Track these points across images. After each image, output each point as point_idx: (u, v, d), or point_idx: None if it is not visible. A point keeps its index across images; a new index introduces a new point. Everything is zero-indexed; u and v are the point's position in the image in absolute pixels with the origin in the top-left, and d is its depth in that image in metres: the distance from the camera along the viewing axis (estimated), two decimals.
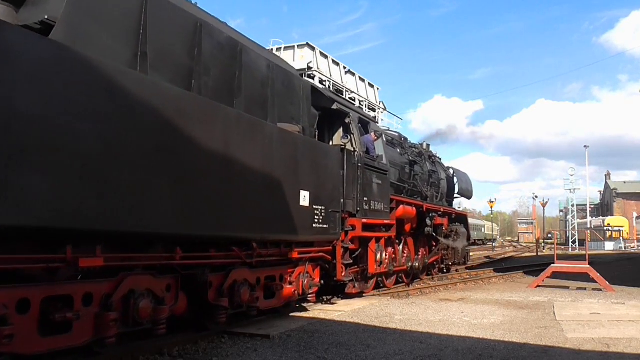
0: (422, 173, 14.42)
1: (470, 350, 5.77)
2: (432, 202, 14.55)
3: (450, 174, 18.00)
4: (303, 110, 7.73)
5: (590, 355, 5.63)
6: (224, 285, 6.02)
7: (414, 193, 13.45)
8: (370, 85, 33.22)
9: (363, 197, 9.29)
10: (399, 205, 11.52)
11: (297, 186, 7.07)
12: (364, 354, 5.57)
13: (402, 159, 13.20)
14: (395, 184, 12.11)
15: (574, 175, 49.65)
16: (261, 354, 5.52)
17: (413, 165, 13.74)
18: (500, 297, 10.87)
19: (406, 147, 14.14)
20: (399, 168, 12.72)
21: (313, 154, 7.62)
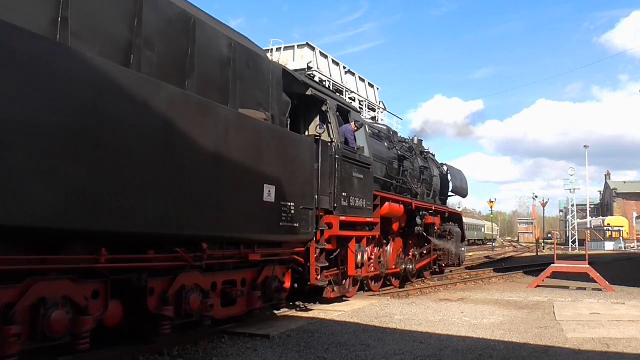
0: (413, 169, 13.65)
1: (470, 350, 5.78)
2: (423, 200, 13.76)
3: (444, 171, 17.26)
4: (272, 96, 6.92)
5: (590, 355, 5.63)
6: (169, 291, 5.17)
7: (403, 190, 12.75)
8: (370, 85, 33.25)
9: (341, 192, 8.49)
10: (384, 202, 10.71)
11: (261, 179, 6.24)
12: (364, 354, 5.57)
13: (389, 154, 12.41)
14: (382, 179, 11.48)
15: (574, 175, 49.72)
16: (261, 354, 5.52)
17: (402, 161, 12.94)
18: (500, 297, 10.87)
19: (395, 141, 13.40)
20: (386, 163, 11.97)
21: (281, 144, 6.77)
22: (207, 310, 5.64)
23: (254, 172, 6.15)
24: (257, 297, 6.58)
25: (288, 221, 6.84)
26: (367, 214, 9.54)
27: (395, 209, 11.22)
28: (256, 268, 6.67)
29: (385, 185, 11.68)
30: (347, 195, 8.72)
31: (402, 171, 12.90)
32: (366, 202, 9.50)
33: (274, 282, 6.98)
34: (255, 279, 6.65)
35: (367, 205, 9.53)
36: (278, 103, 7.11)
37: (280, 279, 7.17)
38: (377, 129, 13.06)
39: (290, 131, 7.42)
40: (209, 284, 5.77)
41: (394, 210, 11.19)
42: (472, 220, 72.66)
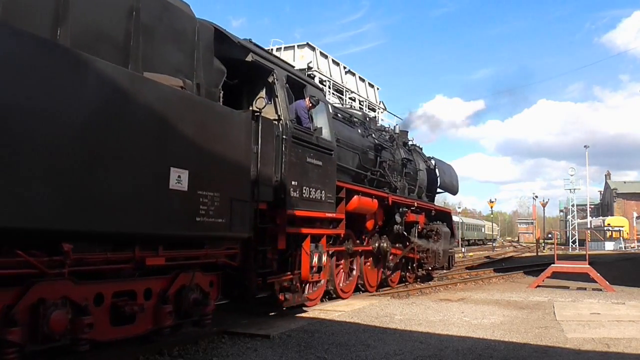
0: (392, 161, 12.37)
1: (470, 350, 5.77)
2: (404, 195, 12.40)
3: (431, 165, 15.83)
4: (199, 61, 5.69)
5: (590, 355, 5.63)
6: (16, 307, 3.83)
7: (381, 184, 11.51)
8: (371, 85, 33.26)
9: (290, 181, 7.07)
10: (353, 195, 9.36)
11: (166, 161, 4.89)
12: (364, 354, 5.57)
13: (363, 142, 11.02)
14: (353, 170, 10.26)
15: (574, 175, 49.74)
16: (261, 354, 5.52)
17: (380, 151, 11.63)
18: (500, 297, 10.87)
19: (371, 128, 12.10)
20: (358, 152, 10.60)
21: (201, 120, 5.39)
22: (81, 330, 4.22)
23: (156, 151, 4.79)
24: (166, 312, 5.11)
25: (209, 215, 5.42)
26: (327, 209, 8.11)
27: (366, 204, 9.87)
28: (168, 275, 5.27)
29: (357, 176, 10.47)
30: (298, 185, 7.28)
31: (379, 162, 11.58)
32: (326, 194, 8.03)
33: (192, 292, 5.48)
34: (167, 289, 5.21)
35: (327, 198, 8.06)
36: (206, 71, 5.84)
37: (205, 288, 5.72)
38: (350, 113, 11.72)
39: (218, 104, 5.92)
40: (89, 297, 4.42)
41: (365, 205, 9.85)
42: (472, 220, 72.72)
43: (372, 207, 10.18)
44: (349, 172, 10.10)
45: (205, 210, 5.39)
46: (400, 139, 14.03)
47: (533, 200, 62.79)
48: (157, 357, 5.26)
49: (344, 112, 11.47)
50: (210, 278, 5.89)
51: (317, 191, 7.83)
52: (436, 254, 13.39)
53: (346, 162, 9.97)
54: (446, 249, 14.01)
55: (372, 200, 10.14)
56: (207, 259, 5.73)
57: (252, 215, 6.24)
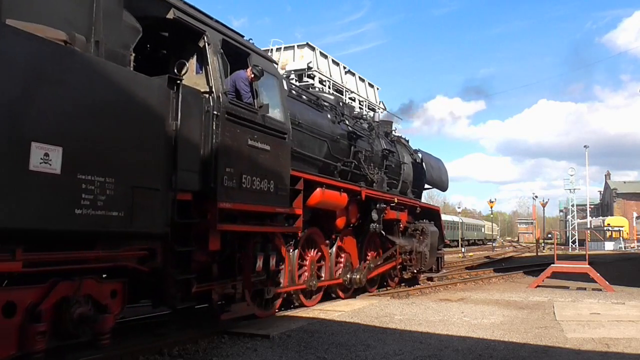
0: (370, 151, 11.11)
1: (470, 350, 5.78)
2: (382, 189, 10.96)
3: (418, 158, 14.49)
4: (98, 14, 4.63)
5: (590, 355, 5.63)
6: None
7: (356, 177, 10.34)
8: (370, 85, 33.25)
9: (224, 167, 5.71)
10: (315, 187, 8.13)
11: (22, 134, 3.74)
12: (364, 354, 5.57)
13: (334, 129, 9.80)
14: (320, 160, 9.03)
15: (574, 175, 49.74)
16: (261, 354, 5.53)
17: (355, 140, 10.45)
18: (500, 297, 10.87)
19: (346, 115, 10.73)
20: (327, 139, 9.36)
21: (89, 83, 4.27)
22: None
23: (6, 120, 3.65)
24: (36, 332, 3.95)
25: (98, 207, 4.26)
26: (278, 202, 6.74)
27: (332, 198, 8.58)
28: (43, 284, 4.15)
29: (326, 167, 9.26)
30: (235, 172, 5.90)
31: (354, 152, 10.35)
32: (276, 185, 6.67)
33: (77, 306, 4.33)
34: (39, 303, 4.06)
35: (278, 190, 6.72)
36: (110, 27, 4.77)
37: (102, 300, 4.61)
38: (318, 96, 10.21)
39: (119, 66, 4.71)
40: None
41: (332, 200, 8.57)
42: (472, 220, 72.78)
43: (340, 202, 8.88)
44: (315, 162, 8.90)
45: (90, 200, 4.21)
46: (382, 128, 12.87)
47: (533, 200, 62.82)
48: (157, 357, 5.27)
49: (311, 95, 9.94)
50: (111, 287, 4.71)
51: (264, 181, 6.44)
52: (422, 256, 12.19)
53: (310, 150, 8.76)
54: (433, 249, 12.79)
55: (341, 194, 8.84)
56: (101, 262, 4.59)
57: (169, 208, 5.02)
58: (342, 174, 9.87)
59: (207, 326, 6.66)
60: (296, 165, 7.75)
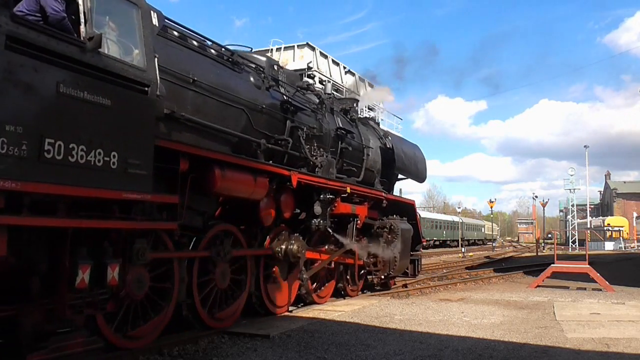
0: (317, 129, 9.06)
1: (470, 350, 5.78)
2: (328, 176, 8.77)
3: (388, 143, 12.22)
4: None
5: (590, 355, 5.63)
6: None
7: (294, 160, 8.32)
8: (371, 85, 33.26)
9: (16, 127, 3.83)
10: (211, 167, 6.05)
11: None
12: (364, 354, 5.58)
13: (259, 96, 7.66)
14: (233, 133, 6.97)
15: (574, 175, 49.72)
16: (261, 354, 5.53)
17: (293, 113, 8.38)
18: (500, 297, 10.87)
19: (282, 80, 8.60)
20: (245, 108, 7.25)
21: None
22: None
23: None
24: None
25: None
26: (126, 184, 4.75)
27: (242, 183, 6.57)
28: None
29: (245, 145, 7.25)
30: (27, 135, 3.92)
31: (291, 128, 8.26)
32: (122, 159, 4.68)
33: None
34: None
35: (126, 166, 4.74)
36: None
37: None
38: (240, 54, 7.87)
39: None
40: None
41: (241, 185, 6.58)
42: (472, 220, 72.80)
43: (256, 189, 6.83)
44: (226, 137, 6.92)
45: None
46: (338, 105, 10.90)
47: (533, 200, 62.80)
48: (157, 357, 5.27)
49: (221, 47, 7.54)
50: None
51: (96, 152, 4.47)
52: (391, 259, 10.41)
53: (217, 120, 6.68)
54: (406, 250, 10.91)
55: (256, 178, 6.79)
56: None
57: None
58: (272, 154, 7.83)
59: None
60: (190, 139, 6.07)
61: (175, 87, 5.99)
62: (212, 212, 6.81)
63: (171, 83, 5.88)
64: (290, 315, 7.86)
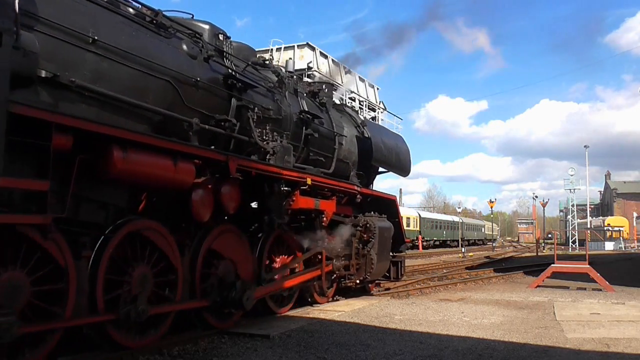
0: (273, 111, 7.78)
1: (470, 351, 5.78)
2: (283, 166, 7.36)
3: (366, 132, 10.89)
4: None
5: (590, 355, 5.63)
6: None
7: (243, 145, 7.09)
8: (371, 85, 33.26)
9: None
10: (110, 146, 4.82)
11: None
12: (364, 354, 5.58)
13: (193, 68, 6.40)
14: (152, 110, 5.68)
15: (574, 175, 49.70)
16: (261, 354, 5.53)
17: (240, 91, 7.07)
18: (500, 297, 10.87)
19: (227, 52, 7.24)
20: (173, 80, 5.98)
21: None
22: None
23: None
24: None
25: None
26: None
27: (155, 167, 5.33)
28: None
29: (170, 124, 5.94)
30: None
31: (237, 107, 7.02)
32: None
33: None
34: None
35: None
36: None
37: None
38: (171, 18, 6.54)
39: None
40: None
41: (154, 170, 5.33)
42: (472, 220, 72.80)
43: (174, 177, 5.51)
44: (143, 113, 5.65)
45: None
46: (304, 87, 9.53)
47: (533, 200, 62.85)
48: (157, 357, 5.27)
49: (142, 6, 6.11)
50: None
51: None
52: (367, 260, 9.30)
53: (129, 92, 5.43)
54: (384, 252, 9.84)
55: (175, 163, 5.47)
56: None
57: None
58: (213, 137, 6.67)
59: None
60: (88, 113, 4.96)
61: (65, 46, 4.79)
62: (122, 204, 5.36)
63: (59, 41, 4.74)
64: (290, 315, 7.85)
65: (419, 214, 46.71)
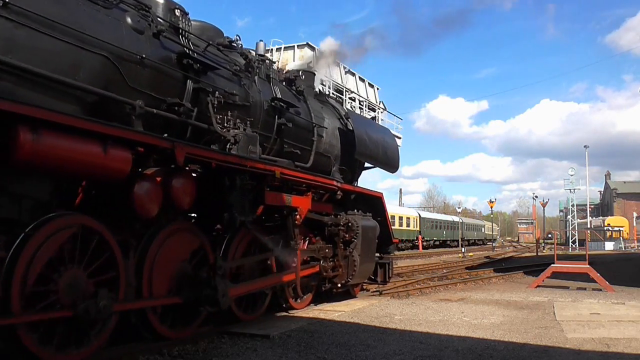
0: (239, 96, 7.00)
1: (470, 351, 5.78)
2: (245, 155, 6.50)
3: (350, 125, 10.06)
4: None
5: (590, 355, 5.63)
6: None
7: (203, 133, 6.43)
8: (370, 85, 33.26)
9: None
10: (16, 125, 4.07)
11: None
12: (364, 354, 5.58)
13: (138, 43, 5.59)
14: (92, 90, 5.00)
15: (574, 175, 49.73)
16: (261, 354, 5.53)
17: (198, 72, 6.35)
18: (500, 297, 10.87)
19: (183, 28, 6.43)
20: (110, 56, 5.19)
21: None
22: None
23: None
24: None
25: None
26: None
27: (77, 152, 4.57)
28: None
29: (110, 107, 5.21)
30: None
31: (194, 90, 6.27)
32: None
33: None
34: None
35: None
36: None
37: None
38: None
39: None
40: None
41: (77, 156, 4.57)
42: (472, 220, 72.81)
43: (103, 164, 4.72)
44: (73, 93, 4.90)
45: None
46: (274, 72, 8.53)
47: (533, 200, 62.86)
48: (157, 357, 5.27)
49: None
50: None
51: None
52: (349, 262, 8.69)
53: (56, 66, 4.72)
54: (369, 253, 9.19)
55: (105, 148, 4.68)
56: None
57: None
58: (165, 124, 5.92)
59: None
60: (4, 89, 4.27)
61: None
62: (44, 197, 4.64)
63: None
64: (290, 315, 7.86)
65: (419, 214, 46.75)
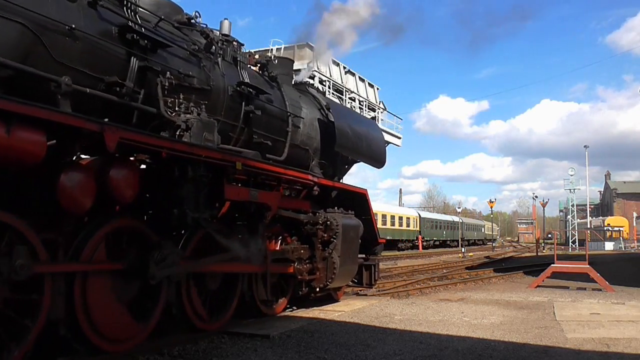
0: (197, 79, 6.26)
1: (470, 351, 5.78)
2: (199, 143, 5.73)
3: (329, 115, 9.16)
4: None
5: (590, 355, 5.63)
6: None
7: (150, 117, 5.71)
8: (370, 85, 33.28)
9: None
10: None
11: None
12: (364, 354, 5.57)
13: (71, 14, 4.86)
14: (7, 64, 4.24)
15: (574, 175, 49.77)
16: (261, 354, 5.53)
17: (145, 50, 5.61)
18: (500, 297, 10.87)
19: (133, 3, 5.70)
20: (32, 25, 4.45)
21: None
22: None
23: None
24: None
25: None
26: None
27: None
28: None
29: (32, 84, 4.53)
30: None
31: (139, 69, 5.52)
32: None
33: None
34: None
35: None
36: None
37: None
38: None
39: None
40: None
41: None
42: (472, 220, 72.81)
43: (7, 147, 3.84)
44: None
45: None
46: (243, 56, 7.65)
47: (533, 200, 62.85)
48: (157, 357, 5.27)
49: None
50: None
51: None
52: (328, 265, 8.01)
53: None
54: (350, 254, 8.46)
55: (8, 129, 3.83)
56: None
57: None
58: (106, 106, 5.25)
59: None
60: None
61: None
62: None
63: None
64: (290, 315, 7.86)
65: (419, 214, 46.76)
